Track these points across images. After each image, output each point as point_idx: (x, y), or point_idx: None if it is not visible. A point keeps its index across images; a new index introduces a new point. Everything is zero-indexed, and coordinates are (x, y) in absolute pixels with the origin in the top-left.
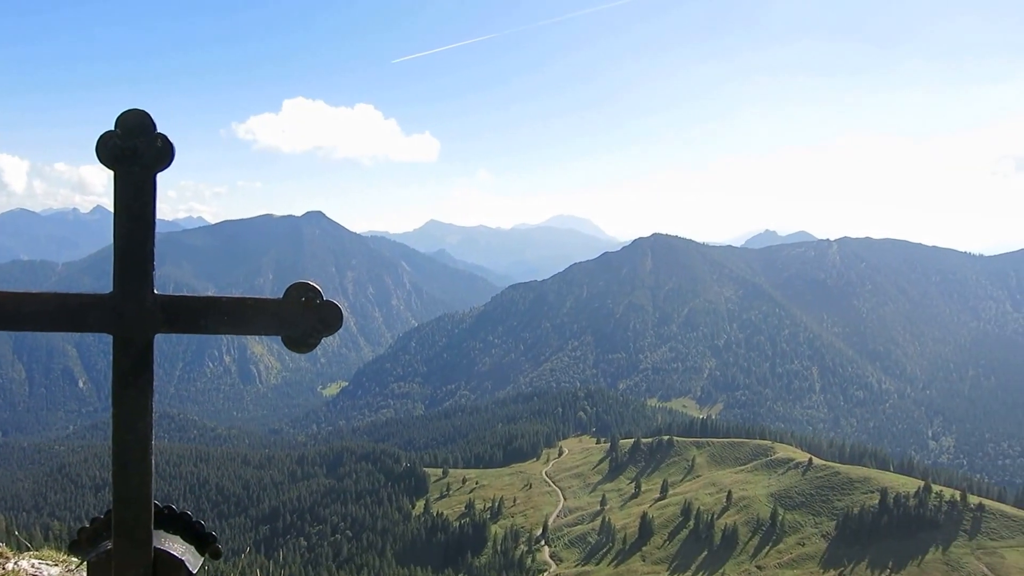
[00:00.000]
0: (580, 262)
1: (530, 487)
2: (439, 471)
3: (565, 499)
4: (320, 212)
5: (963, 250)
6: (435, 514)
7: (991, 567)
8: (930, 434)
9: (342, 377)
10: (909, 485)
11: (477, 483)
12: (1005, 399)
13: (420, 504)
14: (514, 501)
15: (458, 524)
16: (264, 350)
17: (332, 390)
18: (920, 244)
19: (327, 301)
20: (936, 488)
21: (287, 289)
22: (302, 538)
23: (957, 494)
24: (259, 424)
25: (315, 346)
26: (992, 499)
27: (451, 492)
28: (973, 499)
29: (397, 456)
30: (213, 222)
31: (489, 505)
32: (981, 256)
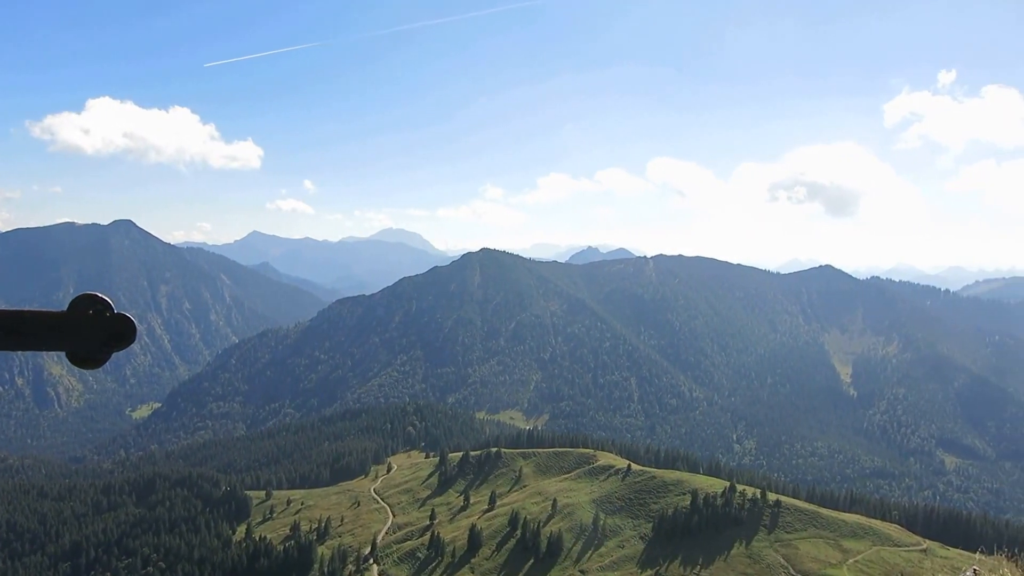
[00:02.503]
0: (409, 276)
1: (358, 505)
2: (262, 494)
3: (394, 515)
4: (130, 221)
5: (763, 268)
6: (258, 539)
7: (787, 558)
8: (735, 438)
9: (154, 398)
10: (717, 486)
11: (303, 504)
12: (798, 404)
13: (241, 529)
14: (342, 520)
15: (282, 548)
16: (63, 370)
17: (143, 412)
18: (726, 262)
19: (118, 314)
20: (740, 488)
21: (72, 301)
22: (109, 574)
23: (758, 492)
24: (58, 452)
25: (104, 362)
26: (788, 495)
27: (275, 515)
28: (772, 496)
29: (216, 480)
30: (4, 230)
31: (316, 526)
32: (778, 274)
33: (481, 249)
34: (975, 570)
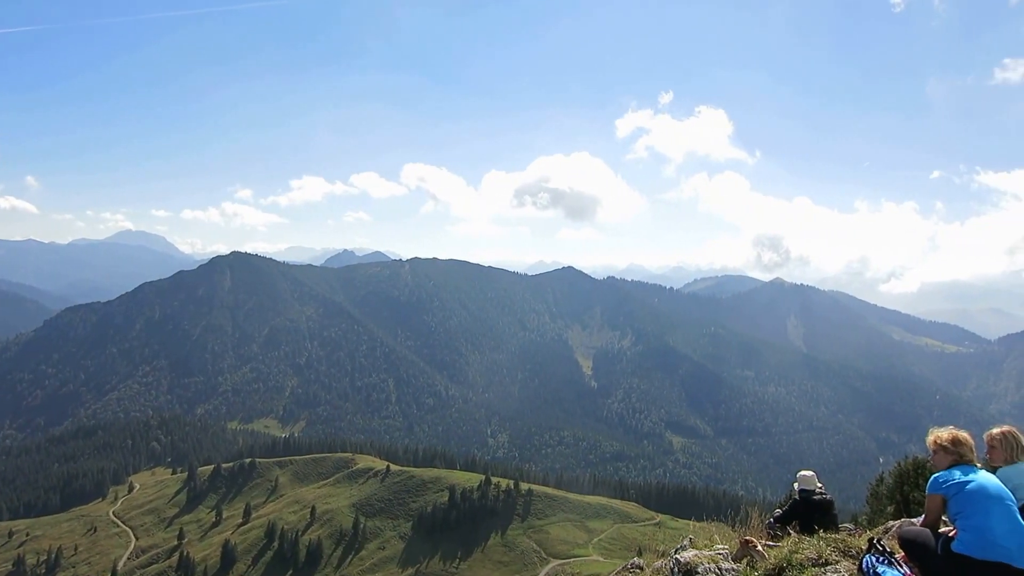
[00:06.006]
0: (152, 281)
1: (95, 531)
2: None
3: (137, 538)
4: None
5: (512, 270)
6: None
7: (539, 543)
8: (489, 432)
9: None
10: (473, 480)
11: (28, 535)
12: (546, 397)
13: None
14: (75, 549)
15: None
16: None
17: None
18: (479, 265)
19: None
20: (495, 480)
21: None
22: None
23: (511, 483)
24: None
25: None
26: (538, 484)
27: None
28: (524, 486)
29: None
30: None
31: (44, 558)
32: (526, 275)
33: (231, 252)
34: (691, 539)
